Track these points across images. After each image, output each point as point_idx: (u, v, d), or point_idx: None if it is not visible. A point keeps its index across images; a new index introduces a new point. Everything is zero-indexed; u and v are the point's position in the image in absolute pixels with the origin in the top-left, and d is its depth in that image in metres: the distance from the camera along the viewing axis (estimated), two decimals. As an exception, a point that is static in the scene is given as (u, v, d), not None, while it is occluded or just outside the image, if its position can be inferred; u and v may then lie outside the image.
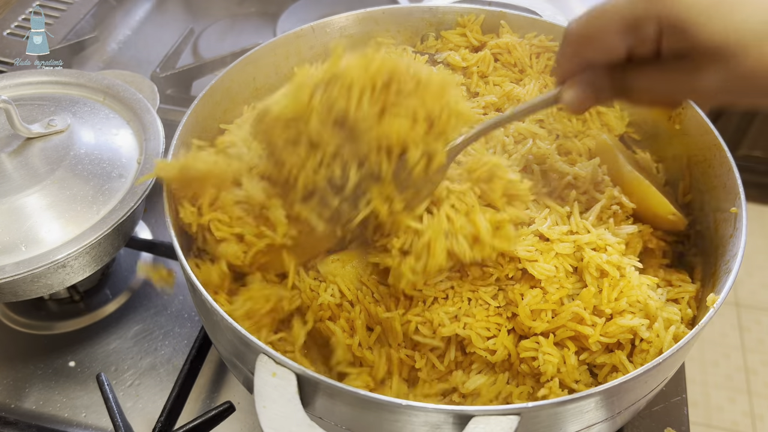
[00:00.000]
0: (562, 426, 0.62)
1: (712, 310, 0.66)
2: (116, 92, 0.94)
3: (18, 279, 0.74)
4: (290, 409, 0.57)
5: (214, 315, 0.64)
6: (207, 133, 0.87)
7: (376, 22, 1.00)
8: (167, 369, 0.92)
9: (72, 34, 1.34)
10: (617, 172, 0.81)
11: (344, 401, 0.60)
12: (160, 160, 0.79)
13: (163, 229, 1.08)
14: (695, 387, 2.18)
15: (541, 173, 0.79)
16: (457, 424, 0.57)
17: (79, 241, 0.77)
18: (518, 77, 0.94)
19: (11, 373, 0.92)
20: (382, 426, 0.61)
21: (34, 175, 0.80)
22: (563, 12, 1.01)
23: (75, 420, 0.87)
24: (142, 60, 1.40)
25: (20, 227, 0.76)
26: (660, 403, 0.86)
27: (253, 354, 0.61)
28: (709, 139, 0.83)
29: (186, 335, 0.96)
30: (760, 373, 2.23)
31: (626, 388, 0.62)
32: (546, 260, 0.70)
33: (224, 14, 1.55)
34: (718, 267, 0.75)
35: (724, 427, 2.10)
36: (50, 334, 0.97)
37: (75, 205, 0.79)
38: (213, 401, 0.89)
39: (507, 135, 0.83)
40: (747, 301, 2.42)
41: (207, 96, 0.87)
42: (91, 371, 0.92)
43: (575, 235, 0.72)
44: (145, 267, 1.03)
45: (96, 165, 0.83)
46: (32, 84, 0.96)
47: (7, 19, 1.37)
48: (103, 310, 0.99)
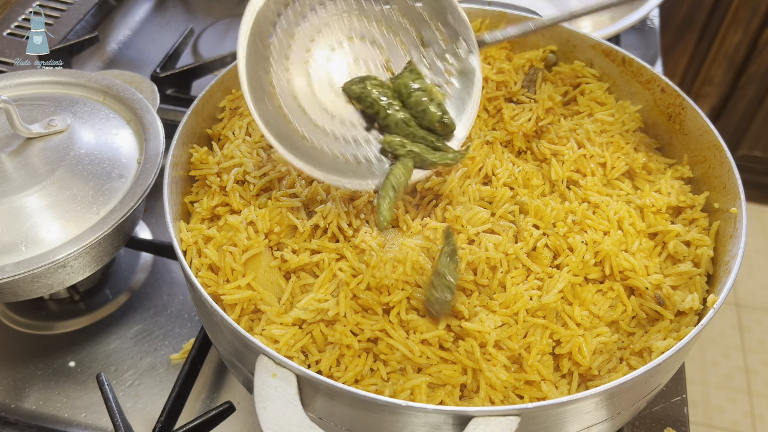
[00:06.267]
0: (562, 426, 0.62)
1: (712, 310, 0.67)
2: (116, 92, 0.94)
3: (18, 279, 0.74)
4: (290, 410, 0.57)
5: (214, 315, 0.64)
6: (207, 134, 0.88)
7: (376, 22, 1.00)
8: (167, 369, 0.92)
9: (72, 34, 1.34)
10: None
11: (344, 402, 0.60)
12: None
13: (163, 229, 1.08)
14: (695, 387, 2.19)
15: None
16: (457, 425, 0.57)
17: (79, 241, 0.77)
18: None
19: (11, 373, 0.92)
20: (382, 427, 0.61)
21: (34, 175, 0.80)
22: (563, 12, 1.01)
23: (75, 420, 0.87)
24: (142, 60, 1.40)
25: (20, 227, 0.76)
26: (660, 403, 0.86)
27: (253, 354, 0.62)
28: (709, 139, 0.83)
29: (186, 335, 0.96)
30: (760, 373, 2.23)
31: (626, 388, 0.62)
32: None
33: (224, 14, 1.55)
34: (718, 267, 0.76)
35: (724, 427, 2.10)
36: (50, 334, 0.97)
37: (75, 205, 0.79)
38: (213, 401, 0.89)
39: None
40: (747, 301, 2.42)
41: (207, 96, 0.87)
42: (91, 371, 0.92)
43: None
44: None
45: (96, 165, 0.83)
46: (32, 84, 0.96)
47: (7, 19, 1.37)
48: (103, 310, 0.99)
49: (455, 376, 0.66)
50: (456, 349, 0.68)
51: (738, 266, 0.70)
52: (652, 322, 0.74)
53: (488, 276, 0.72)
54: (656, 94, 0.91)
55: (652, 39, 1.41)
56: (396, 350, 0.67)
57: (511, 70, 0.95)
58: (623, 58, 0.93)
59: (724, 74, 2.36)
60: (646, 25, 1.44)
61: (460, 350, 0.67)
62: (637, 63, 0.92)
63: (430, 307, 0.68)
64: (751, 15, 2.16)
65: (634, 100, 0.94)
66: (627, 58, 0.93)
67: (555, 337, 0.70)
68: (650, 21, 1.45)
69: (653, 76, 0.91)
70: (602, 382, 0.69)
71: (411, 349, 0.67)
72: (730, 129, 2.48)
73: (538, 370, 0.68)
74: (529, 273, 0.74)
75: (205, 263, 0.74)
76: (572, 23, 0.93)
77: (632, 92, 0.94)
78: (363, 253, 0.73)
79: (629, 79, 0.94)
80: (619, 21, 1.30)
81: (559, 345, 0.70)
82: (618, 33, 1.29)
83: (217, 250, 0.74)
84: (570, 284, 0.73)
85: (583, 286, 0.73)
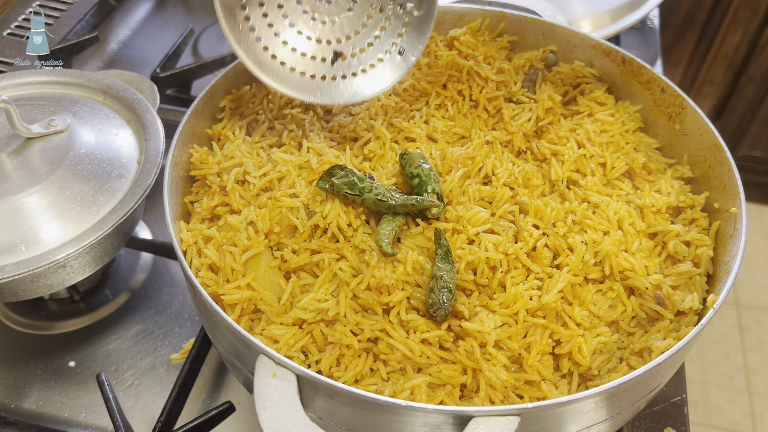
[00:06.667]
0: (562, 426, 0.62)
1: (712, 310, 0.67)
2: (116, 92, 0.94)
3: (18, 279, 0.74)
4: (290, 410, 0.57)
5: (214, 315, 0.64)
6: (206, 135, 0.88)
7: (376, 22, 1.00)
8: (167, 369, 0.92)
9: (72, 34, 1.34)
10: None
11: (344, 402, 0.60)
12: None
13: (163, 229, 1.08)
14: (695, 387, 2.18)
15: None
16: (456, 425, 0.57)
17: (79, 241, 0.76)
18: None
19: (11, 373, 0.92)
20: (382, 426, 0.61)
21: (34, 175, 0.80)
22: (563, 12, 1.01)
23: (75, 420, 0.87)
24: (142, 60, 1.40)
25: (20, 227, 0.76)
26: (660, 403, 0.86)
27: (253, 354, 0.62)
28: (709, 139, 0.83)
29: (186, 335, 0.96)
30: (760, 373, 2.23)
31: (626, 388, 0.62)
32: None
33: (224, 14, 1.55)
34: (718, 267, 0.76)
35: (724, 427, 2.10)
36: (50, 334, 0.97)
37: (75, 205, 0.79)
38: (213, 401, 0.89)
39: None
40: (747, 301, 2.42)
41: (207, 96, 0.87)
42: (91, 371, 0.92)
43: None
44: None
45: (96, 165, 0.83)
46: (32, 84, 0.96)
47: (7, 19, 1.37)
48: (103, 310, 0.99)
49: (455, 376, 0.66)
50: (456, 349, 0.68)
51: (738, 266, 0.70)
52: (652, 322, 0.73)
53: (488, 276, 0.72)
54: (656, 94, 0.91)
55: (652, 39, 1.41)
56: (396, 350, 0.67)
57: (511, 70, 0.95)
58: (623, 58, 0.93)
59: (724, 74, 2.36)
60: (646, 25, 1.44)
61: (460, 350, 0.67)
62: (637, 63, 0.92)
63: (432, 311, 0.68)
64: (751, 15, 2.16)
65: (634, 100, 0.94)
66: (627, 58, 0.93)
67: (555, 337, 0.70)
68: (650, 21, 1.45)
69: (653, 76, 0.91)
70: (602, 382, 0.69)
71: (411, 349, 0.67)
72: (730, 129, 2.48)
73: (538, 370, 0.68)
74: (529, 273, 0.74)
75: (205, 263, 0.74)
76: (572, 23, 0.93)
77: (632, 92, 0.94)
78: (363, 253, 0.73)
79: (629, 79, 0.94)
80: (619, 21, 1.30)
81: (559, 345, 0.70)
82: (618, 33, 1.29)
83: (217, 250, 0.74)
84: (570, 284, 0.72)
85: (583, 286, 0.73)
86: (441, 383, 0.67)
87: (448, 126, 0.88)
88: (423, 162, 0.79)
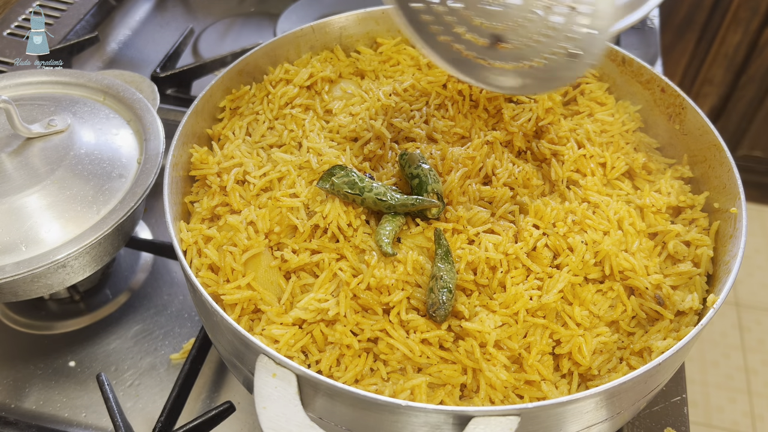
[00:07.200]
0: (562, 426, 0.62)
1: (712, 310, 0.67)
2: (116, 92, 0.94)
3: (18, 279, 0.74)
4: (290, 410, 0.57)
5: (214, 315, 0.64)
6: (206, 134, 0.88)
7: (376, 22, 1.00)
8: (167, 369, 0.92)
9: (72, 34, 1.34)
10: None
11: (344, 402, 0.60)
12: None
13: (163, 229, 1.08)
14: (695, 387, 2.18)
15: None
16: (457, 425, 0.57)
17: (79, 241, 0.77)
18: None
19: (11, 373, 0.92)
20: (383, 426, 0.61)
21: (34, 175, 0.80)
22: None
23: (75, 420, 0.87)
24: (142, 60, 1.40)
25: (20, 227, 0.76)
26: (660, 403, 0.86)
27: (253, 354, 0.62)
28: (709, 139, 0.83)
29: (186, 335, 0.96)
30: (760, 373, 2.23)
31: (626, 388, 0.62)
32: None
33: (224, 14, 1.55)
34: (718, 267, 0.76)
35: (724, 427, 2.10)
36: (50, 334, 0.97)
37: (75, 205, 0.79)
38: (213, 401, 0.89)
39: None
40: (747, 301, 2.42)
41: (207, 96, 0.87)
42: (91, 371, 0.92)
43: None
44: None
45: (96, 165, 0.83)
46: (32, 84, 0.96)
47: (7, 19, 1.37)
48: (103, 310, 0.99)
49: (455, 376, 0.66)
50: (456, 349, 0.68)
51: (738, 266, 0.70)
52: (652, 322, 0.74)
53: (488, 276, 0.72)
54: (656, 94, 0.91)
55: (652, 39, 1.41)
56: (396, 350, 0.67)
57: (511, 70, 0.95)
58: (623, 58, 0.93)
59: (724, 74, 2.36)
60: (646, 25, 1.44)
61: (460, 350, 0.67)
62: (637, 63, 0.92)
63: (432, 311, 0.68)
64: (751, 15, 2.16)
65: (634, 100, 0.94)
66: (627, 58, 0.93)
67: (555, 337, 0.70)
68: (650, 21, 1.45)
69: (653, 76, 0.91)
70: (602, 382, 0.69)
71: (411, 349, 0.67)
72: (730, 129, 2.48)
73: (538, 370, 0.68)
74: (529, 273, 0.74)
75: (205, 263, 0.74)
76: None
77: (632, 92, 0.94)
78: (363, 253, 0.73)
79: (629, 79, 0.94)
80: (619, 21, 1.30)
81: (559, 345, 0.70)
82: (618, 33, 1.29)
83: (217, 250, 0.74)
84: (570, 284, 0.73)
85: (583, 286, 0.73)
86: (441, 383, 0.67)
87: (448, 126, 0.88)
88: (423, 162, 0.79)
